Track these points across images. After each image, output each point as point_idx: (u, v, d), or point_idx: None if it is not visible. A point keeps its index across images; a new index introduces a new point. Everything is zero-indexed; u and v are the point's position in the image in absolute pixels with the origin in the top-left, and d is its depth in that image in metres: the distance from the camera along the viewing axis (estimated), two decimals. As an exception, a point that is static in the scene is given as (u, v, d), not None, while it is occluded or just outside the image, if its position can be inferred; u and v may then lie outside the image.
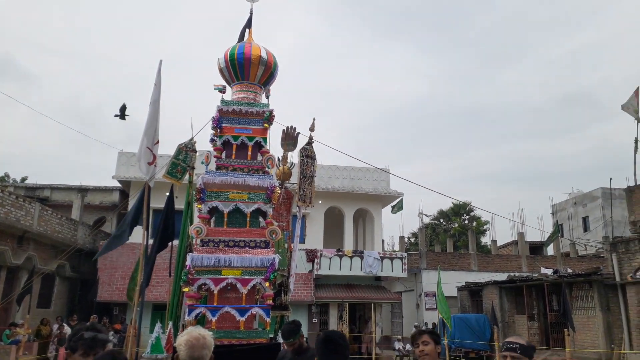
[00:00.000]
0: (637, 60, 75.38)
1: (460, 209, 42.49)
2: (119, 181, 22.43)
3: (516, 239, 28.99)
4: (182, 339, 2.46)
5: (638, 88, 14.57)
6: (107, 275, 19.53)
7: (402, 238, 28.37)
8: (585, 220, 34.33)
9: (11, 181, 31.49)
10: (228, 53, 7.22)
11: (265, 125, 7.00)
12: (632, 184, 13.58)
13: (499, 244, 31.76)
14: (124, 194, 23.61)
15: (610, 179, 33.70)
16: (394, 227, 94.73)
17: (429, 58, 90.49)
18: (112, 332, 16.07)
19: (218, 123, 6.87)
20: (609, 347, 14.98)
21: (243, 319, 5.94)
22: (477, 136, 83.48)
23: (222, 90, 7.20)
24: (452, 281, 23.25)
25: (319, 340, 2.70)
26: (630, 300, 14.01)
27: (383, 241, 26.75)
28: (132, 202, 17.50)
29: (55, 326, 15.87)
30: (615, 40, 79.02)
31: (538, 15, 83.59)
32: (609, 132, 73.67)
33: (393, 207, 25.14)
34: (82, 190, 24.13)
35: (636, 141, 14.15)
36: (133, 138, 77.82)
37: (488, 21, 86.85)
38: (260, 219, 6.81)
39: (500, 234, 71.15)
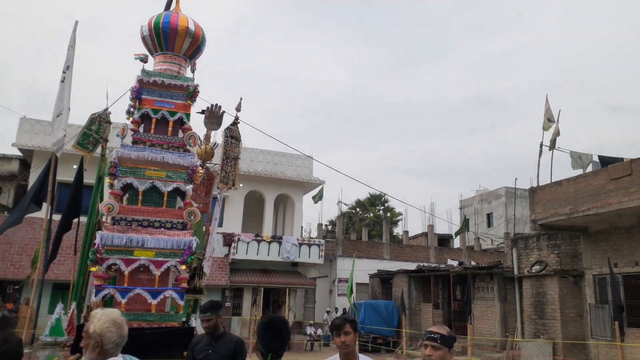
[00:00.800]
0: (542, 71, 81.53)
1: (376, 200, 43.82)
2: (20, 149, 20.66)
3: (426, 230, 30.36)
4: (106, 320, 2.32)
5: (547, 96, 15.72)
6: (1, 250, 18.01)
7: (320, 225, 28.71)
8: (489, 216, 36.75)
9: None
10: (153, 21, 6.77)
11: (188, 101, 6.67)
12: (535, 184, 14.60)
13: (410, 234, 33.10)
14: (25, 163, 21.77)
15: (515, 179, 36.31)
16: (312, 214, 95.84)
17: (355, 50, 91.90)
18: (5, 311, 14.86)
19: (137, 94, 6.43)
20: (504, 335, 16.18)
21: (155, 301, 5.65)
22: (396, 130, 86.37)
23: (144, 60, 6.74)
24: (365, 269, 23.94)
25: (261, 324, 2.67)
26: (525, 292, 15.19)
27: (302, 227, 26.94)
28: (34, 173, 16.11)
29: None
30: (524, 51, 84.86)
31: (461, 20, 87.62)
32: (514, 135, 79.22)
33: (314, 197, 25.36)
34: (-25, 157, 21.93)
35: (541, 145, 15.24)
36: (35, 103, 71.99)
37: (416, 20, 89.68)
38: (178, 199, 6.50)
39: (412, 225, 74.57)
